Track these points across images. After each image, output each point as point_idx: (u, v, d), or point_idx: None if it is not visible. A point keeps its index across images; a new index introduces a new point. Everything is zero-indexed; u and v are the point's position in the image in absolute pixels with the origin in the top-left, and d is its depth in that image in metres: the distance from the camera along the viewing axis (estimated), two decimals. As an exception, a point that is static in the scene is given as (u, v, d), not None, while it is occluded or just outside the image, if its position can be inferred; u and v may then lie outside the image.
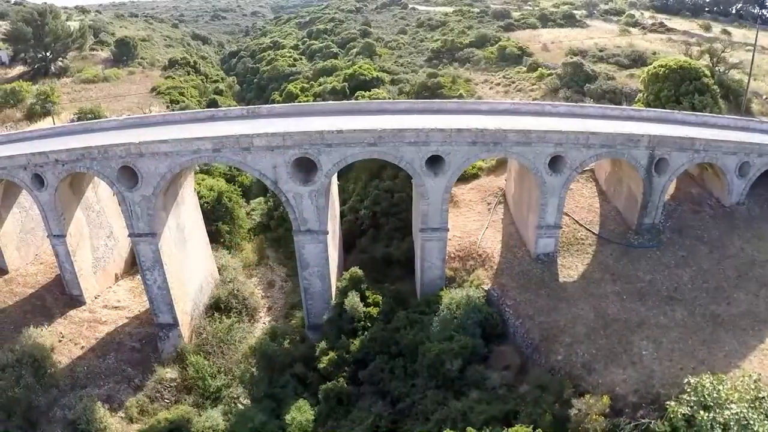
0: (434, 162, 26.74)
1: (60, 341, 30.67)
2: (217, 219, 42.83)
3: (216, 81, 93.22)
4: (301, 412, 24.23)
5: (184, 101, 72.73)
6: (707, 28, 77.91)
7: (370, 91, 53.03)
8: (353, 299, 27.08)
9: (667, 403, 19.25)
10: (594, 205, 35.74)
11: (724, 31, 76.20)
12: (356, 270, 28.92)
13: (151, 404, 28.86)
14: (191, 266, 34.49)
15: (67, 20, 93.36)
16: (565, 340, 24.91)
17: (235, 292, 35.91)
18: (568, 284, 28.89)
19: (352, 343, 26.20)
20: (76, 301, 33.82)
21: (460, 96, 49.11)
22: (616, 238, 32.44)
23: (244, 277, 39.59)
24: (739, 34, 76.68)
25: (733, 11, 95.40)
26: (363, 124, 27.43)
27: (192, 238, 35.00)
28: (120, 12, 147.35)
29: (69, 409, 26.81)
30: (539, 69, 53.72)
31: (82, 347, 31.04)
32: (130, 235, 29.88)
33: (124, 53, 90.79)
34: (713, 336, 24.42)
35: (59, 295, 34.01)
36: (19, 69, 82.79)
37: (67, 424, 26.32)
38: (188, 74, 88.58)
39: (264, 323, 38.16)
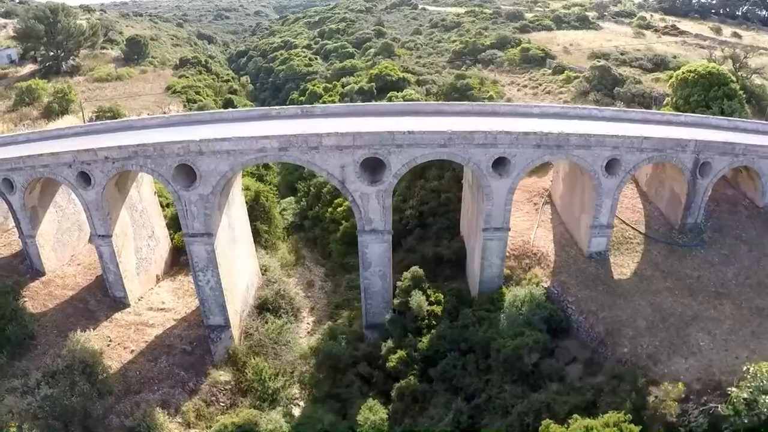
0: (499, 164, 27.27)
1: (108, 345, 30.14)
2: (254, 219, 42.99)
3: (227, 80, 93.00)
4: (373, 411, 24.51)
5: (201, 100, 72.66)
6: (718, 31, 79.51)
7: (400, 91, 53.48)
8: (419, 297, 27.49)
9: (729, 388, 20.47)
10: (637, 206, 36.58)
11: (735, 34, 77.88)
12: (417, 269, 29.34)
13: (207, 408, 28.40)
14: (240, 266, 34.46)
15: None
16: (629, 333, 25.79)
17: (282, 292, 36.02)
18: (622, 281, 29.73)
19: (420, 341, 26.60)
20: (120, 304, 33.43)
21: (491, 98, 49.73)
22: (661, 238, 33.30)
23: (285, 278, 39.82)
24: (747, 36, 78.48)
25: (739, 13, 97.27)
26: (424, 125, 27.82)
27: (240, 238, 34.98)
28: (123, 11, 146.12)
29: (126, 416, 26.19)
30: (565, 72, 54.53)
31: (132, 351, 30.59)
32: (184, 236, 29.64)
33: (135, 52, 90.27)
34: (761, 327, 25.65)
35: (102, 298, 33.47)
36: (29, 67, 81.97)
37: (128, 431, 25.74)
38: (200, 73, 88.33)
39: (308, 324, 38.44)
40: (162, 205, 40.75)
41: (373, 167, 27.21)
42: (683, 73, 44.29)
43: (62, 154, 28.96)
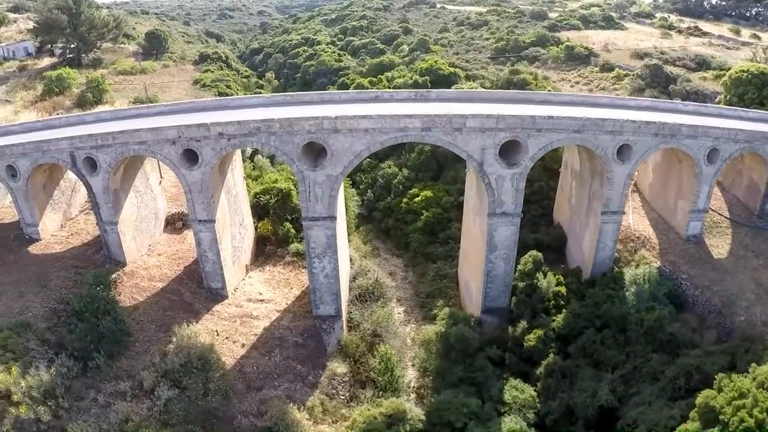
0: (621, 150, 29.35)
1: (216, 340, 28.61)
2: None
3: (247, 76, 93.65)
4: (520, 390, 25.89)
5: (233, 94, 73.26)
6: (737, 32, 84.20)
7: (453, 85, 55.36)
8: (550, 279, 29.28)
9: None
10: (716, 194, 39.39)
11: (754, 36, 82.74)
12: (536, 253, 31.13)
13: (330, 402, 27.72)
14: (343, 254, 34.56)
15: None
16: (742, 304, 28.32)
17: (378, 281, 37.07)
18: (722, 260, 32.41)
19: (553, 320, 28.39)
20: (217, 295, 32.29)
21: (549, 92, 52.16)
22: (746, 222, 36.16)
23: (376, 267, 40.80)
24: (766, 37, 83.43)
25: (749, 14, 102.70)
26: (539, 111, 29.28)
27: (342, 224, 34.58)
28: (129, 9, 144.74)
29: (254, 416, 24.92)
30: (616, 69, 57.41)
31: (243, 345, 29.45)
32: (303, 220, 29.04)
33: (154, 46, 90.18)
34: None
35: (196, 289, 32.40)
36: (47, 60, 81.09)
37: (262, 431, 24.41)
38: (221, 69, 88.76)
39: (399, 313, 39.50)
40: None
41: (501, 151, 28.69)
42: (736, 72, 47.69)
43: (165, 130, 27.41)
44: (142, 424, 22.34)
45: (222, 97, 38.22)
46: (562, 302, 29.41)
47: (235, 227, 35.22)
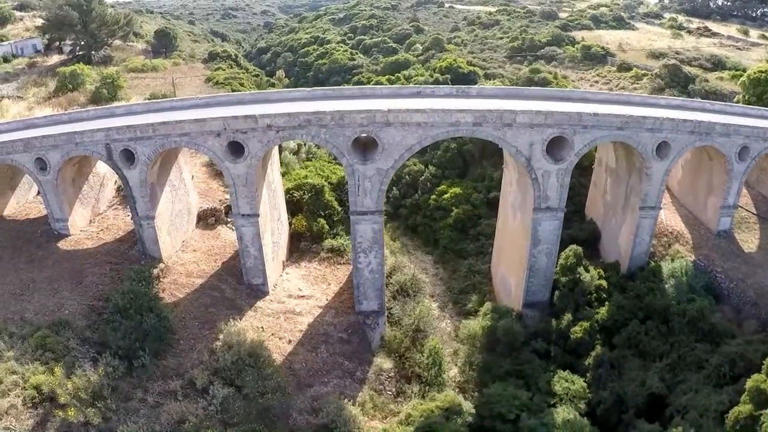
0: (660, 147, 30.51)
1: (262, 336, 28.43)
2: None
3: (257, 74, 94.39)
4: (571, 381, 26.86)
5: (248, 91, 73.94)
6: (745, 33, 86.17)
7: (473, 83, 56.52)
8: (592, 273, 30.39)
9: None
10: (742, 191, 40.79)
11: (763, 36, 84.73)
12: (576, 247, 32.23)
13: (378, 397, 27.89)
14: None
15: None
16: (776, 295, 29.63)
17: (415, 277, 37.90)
18: (752, 254, 33.86)
19: (597, 312, 29.51)
20: (258, 291, 32.46)
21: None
22: (771, 218, 37.56)
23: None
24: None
25: (755, 15, 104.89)
26: (576, 109, 30.34)
27: None
28: (132, 8, 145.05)
29: (307, 413, 24.86)
30: (634, 69, 58.83)
31: (289, 341, 29.67)
32: (351, 214, 29.33)
33: (163, 44, 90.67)
34: None
35: (236, 285, 32.50)
36: (56, 57, 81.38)
37: (319, 428, 24.21)
38: (231, 67, 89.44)
39: (433, 309, 40.23)
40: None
41: (547, 147, 29.46)
42: (754, 73, 49.33)
43: (209, 121, 27.43)
44: (203, 424, 21.70)
45: (260, 91, 37.84)
46: (604, 295, 30.49)
47: (274, 222, 35.48)
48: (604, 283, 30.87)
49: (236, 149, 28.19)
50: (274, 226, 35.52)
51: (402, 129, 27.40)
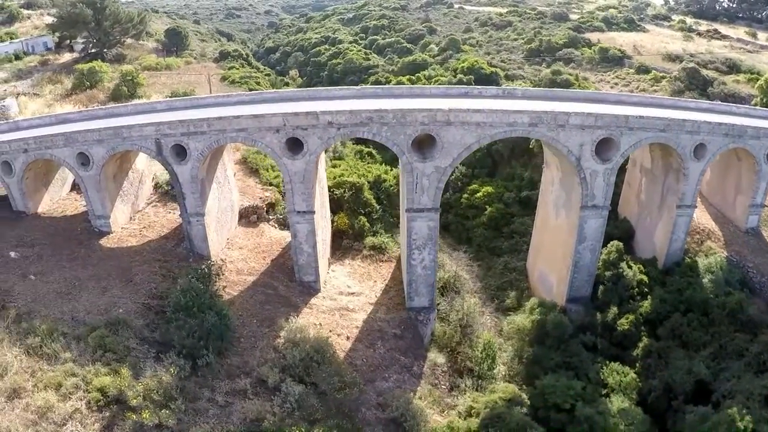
0: (697, 148, 32.66)
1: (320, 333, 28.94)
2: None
3: (268, 74, 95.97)
4: (623, 373, 28.75)
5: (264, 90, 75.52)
6: (754, 35, 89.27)
7: (496, 84, 58.68)
8: (634, 268, 32.56)
9: None
10: None
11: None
12: (618, 243, 34.36)
13: (435, 391, 28.80)
14: None
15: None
16: (807, 290, 32.03)
17: (457, 274, 39.63)
18: (782, 249, 36.15)
19: (640, 305, 31.65)
20: (310, 288, 33.24)
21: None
22: (796, 215, 40.03)
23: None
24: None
25: (760, 17, 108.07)
26: (615, 111, 32.39)
27: None
28: (135, 8, 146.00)
29: (374, 407, 25.36)
30: (652, 71, 61.32)
31: (347, 338, 30.44)
32: (408, 211, 30.40)
33: (174, 43, 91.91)
34: None
35: (288, 283, 33.25)
36: (67, 55, 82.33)
37: (388, 422, 24.80)
38: (242, 66, 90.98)
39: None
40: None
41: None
42: (771, 75, 52.10)
43: (269, 117, 27.96)
44: (284, 422, 21.66)
45: (310, 88, 38.72)
46: (645, 289, 32.65)
47: (323, 220, 36.36)
48: (644, 277, 32.98)
49: (294, 145, 28.98)
50: (323, 224, 36.54)
51: (461, 128, 28.67)
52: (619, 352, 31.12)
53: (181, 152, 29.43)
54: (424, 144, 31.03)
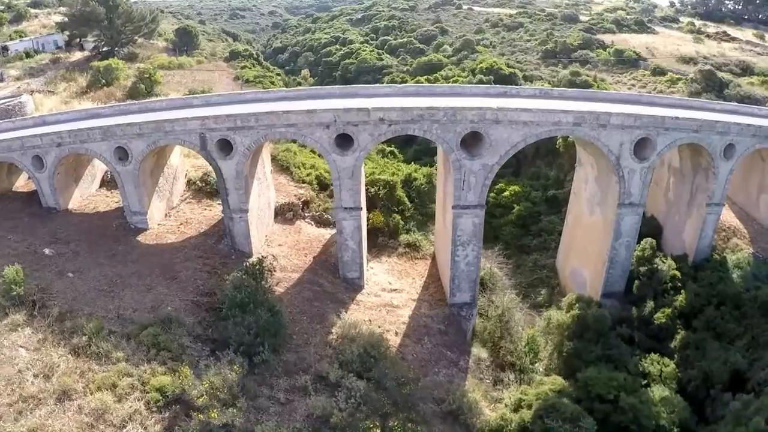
0: (726, 149, 34.61)
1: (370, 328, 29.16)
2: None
3: (279, 73, 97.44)
4: (664, 364, 30.42)
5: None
6: (762, 37, 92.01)
7: (519, 84, 60.57)
8: (668, 263, 34.45)
9: None
10: (786, 189, 45.44)
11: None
12: (652, 240, 36.24)
13: (481, 385, 29.70)
14: None
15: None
16: (834, 282, 33.95)
17: (491, 270, 41.15)
18: (804, 245, 38.19)
19: (675, 299, 33.55)
20: (354, 285, 33.84)
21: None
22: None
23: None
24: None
25: (765, 18, 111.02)
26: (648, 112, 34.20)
27: None
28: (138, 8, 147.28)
29: (429, 402, 25.96)
30: (669, 73, 63.52)
31: (396, 333, 31.07)
32: (454, 208, 31.10)
33: (185, 42, 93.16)
34: None
35: (333, 279, 33.89)
36: (78, 54, 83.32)
37: (445, 415, 25.54)
38: (253, 66, 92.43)
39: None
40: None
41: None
42: (785, 76, 54.29)
43: (319, 113, 28.36)
44: (355, 416, 21.65)
45: (353, 86, 39.35)
46: (678, 284, 34.55)
47: (365, 217, 36.54)
48: (677, 273, 34.88)
49: (343, 142, 29.20)
50: (364, 221, 36.78)
51: (509, 126, 29.77)
52: (656, 345, 32.84)
53: (225, 147, 29.88)
54: (466, 142, 32.65)
